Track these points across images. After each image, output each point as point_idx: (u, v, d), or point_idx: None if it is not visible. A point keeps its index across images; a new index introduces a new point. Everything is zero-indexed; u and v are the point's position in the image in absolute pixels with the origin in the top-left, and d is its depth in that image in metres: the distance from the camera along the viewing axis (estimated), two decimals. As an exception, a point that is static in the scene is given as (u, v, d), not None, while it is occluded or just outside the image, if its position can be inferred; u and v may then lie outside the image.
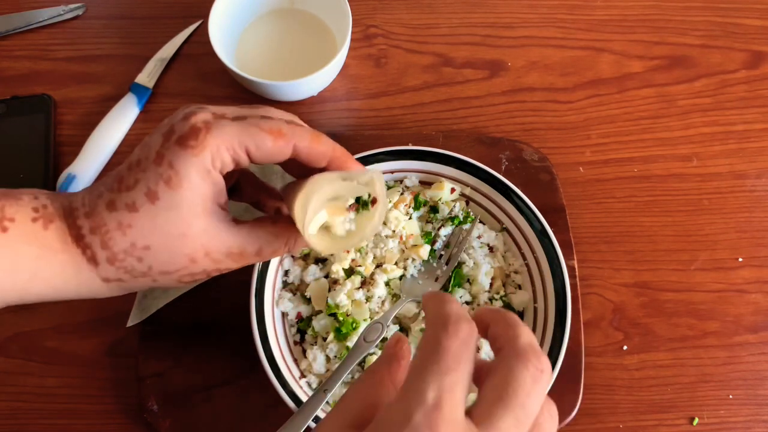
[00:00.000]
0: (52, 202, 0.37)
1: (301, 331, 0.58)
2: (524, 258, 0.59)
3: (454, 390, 0.24)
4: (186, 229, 0.36)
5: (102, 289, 0.38)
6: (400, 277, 0.57)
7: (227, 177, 0.39)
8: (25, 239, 0.35)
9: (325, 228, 0.41)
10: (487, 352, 0.55)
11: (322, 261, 0.59)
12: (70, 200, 0.38)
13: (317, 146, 0.39)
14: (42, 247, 0.36)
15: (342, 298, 0.54)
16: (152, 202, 0.35)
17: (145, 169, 0.36)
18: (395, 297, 0.56)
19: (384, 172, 0.61)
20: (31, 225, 0.36)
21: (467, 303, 0.58)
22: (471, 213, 0.61)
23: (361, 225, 0.41)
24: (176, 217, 0.36)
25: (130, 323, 0.58)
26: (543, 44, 0.73)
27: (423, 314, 0.57)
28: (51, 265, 0.36)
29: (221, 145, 0.36)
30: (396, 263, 0.57)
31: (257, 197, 0.46)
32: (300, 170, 0.42)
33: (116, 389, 0.58)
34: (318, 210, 0.39)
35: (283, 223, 0.41)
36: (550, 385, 0.49)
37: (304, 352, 0.56)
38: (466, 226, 0.60)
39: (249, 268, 0.54)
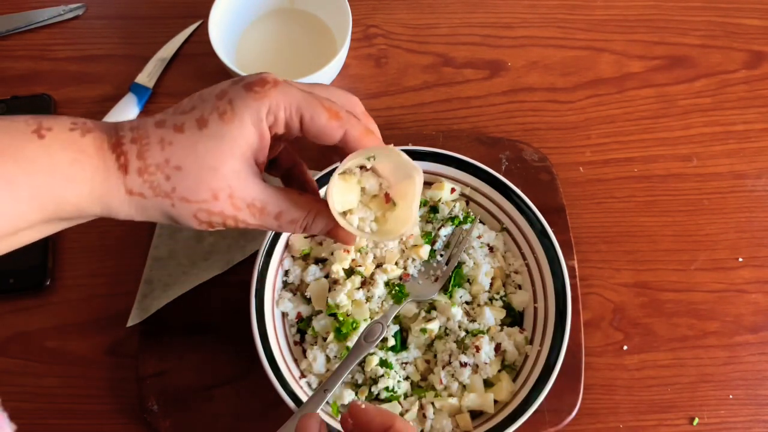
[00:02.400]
0: (93, 122, 0.38)
1: (301, 331, 0.58)
2: (524, 258, 0.59)
3: None
4: (220, 164, 0.36)
5: (122, 202, 0.37)
6: (400, 277, 0.57)
7: (273, 144, 0.40)
8: (60, 145, 0.36)
9: (347, 213, 0.41)
10: (487, 352, 0.55)
11: (322, 261, 0.59)
12: (116, 123, 0.39)
13: (366, 141, 0.39)
14: (77, 151, 0.36)
15: (342, 298, 0.54)
16: (199, 128, 0.36)
17: (204, 100, 0.37)
18: (395, 297, 0.56)
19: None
20: (68, 133, 0.36)
21: (467, 303, 0.58)
22: (471, 213, 0.61)
23: (389, 219, 0.41)
24: (215, 147, 0.36)
25: (130, 323, 0.58)
26: (543, 44, 0.73)
27: (423, 314, 0.57)
28: (83, 169, 0.36)
29: (281, 102, 0.37)
30: (396, 263, 0.57)
31: (291, 169, 0.47)
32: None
33: (116, 389, 0.58)
34: (351, 189, 0.39)
35: (309, 197, 0.41)
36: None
37: (304, 352, 0.56)
38: (466, 226, 0.60)
39: (249, 268, 0.54)
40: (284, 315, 0.58)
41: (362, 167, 0.41)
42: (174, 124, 0.37)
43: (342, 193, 0.40)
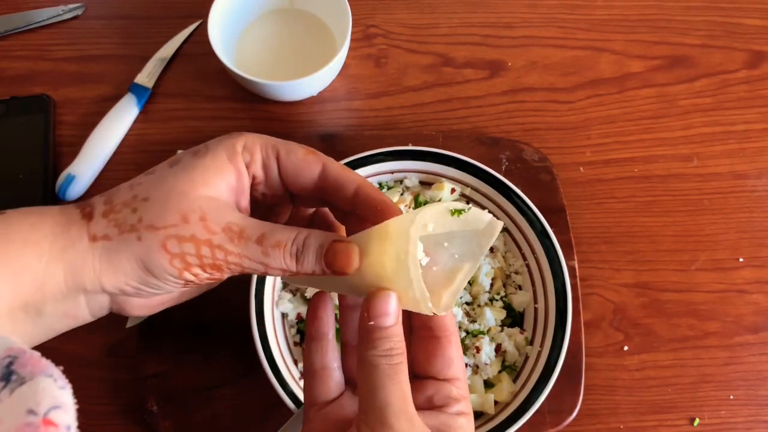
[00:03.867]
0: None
1: (301, 332, 0.57)
2: (525, 258, 0.59)
3: None
4: (190, 189, 0.34)
5: (86, 256, 0.33)
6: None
7: (263, 198, 0.38)
8: (19, 213, 0.34)
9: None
10: (487, 353, 0.55)
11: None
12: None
13: (347, 173, 0.37)
14: (39, 214, 0.34)
15: (342, 299, 0.54)
16: (170, 166, 0.35)
17: (183, 154, 0.36)
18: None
19: (384, 173, 0.61)
20: (32, 208, 0.35)
21: (467, 304, 0.58)
22: (471, 213, 0.61)
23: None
24: (186, 176, 0.34)
25: (130, 324, 0.58)
26: (543, 44, 0.73)
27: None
28: (42, 227, 0.33)
29: (256, 141, 0.36)
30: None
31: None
32: None
33: (116, 390, 0.58)
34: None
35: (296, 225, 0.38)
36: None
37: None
38: (467, 227, 0.59)
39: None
40: (284, 315, 0.58)
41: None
42: (146, 171, 0.36)
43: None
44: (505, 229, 0.60)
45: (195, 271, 0.34)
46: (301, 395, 0.52)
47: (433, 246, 0.34)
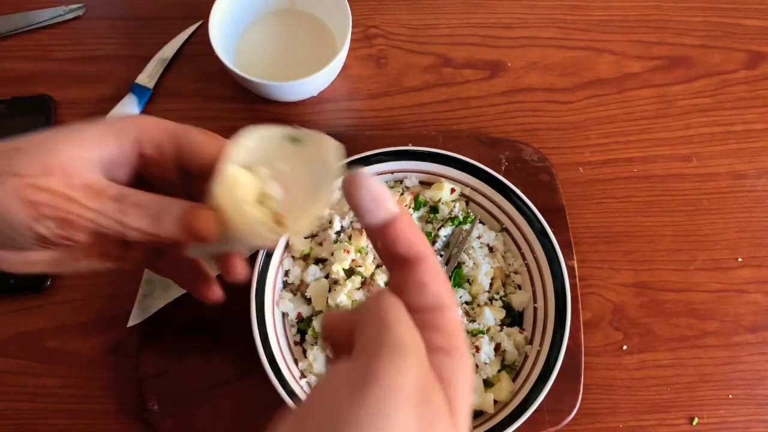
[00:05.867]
0: None
1: (302, 332, 0.58)
2: (524, 258, 0.59)
3: None
4: (62, 147, 0.34)
5: None
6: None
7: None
8: None
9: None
10: (487, 352, 0.55)
11: (322, 261, 0.59)
12: None
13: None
14: None
15: (342, 299, 0.54)
16: (63, 127, 0.35)
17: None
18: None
19: (384, 173, 0.61)
20: None
21: (467, 303, 0.58)
22: (471, 213, 0.61)
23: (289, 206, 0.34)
24: (65, 136, 0.34)
25: (130, 323, 0.58)
26: (543, 45, 0.73)
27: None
28: None
29: (151, 121, 0.36)
30: (396, 263, 0.57)
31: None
32: None
33: (117, 389, 0.59)
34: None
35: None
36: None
37: (304, 352, 0.56)
38: (466, 227, 0.60)
39: (250, 267, 0.54)
40: (284, 315, 0.58)
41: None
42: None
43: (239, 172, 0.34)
44: (504, 229, 0.60)
45: (47, 224, 0.33)
46: (302, 395, 0.52)
47: (291, 181, 0.35)
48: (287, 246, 0.58)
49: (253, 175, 0.34)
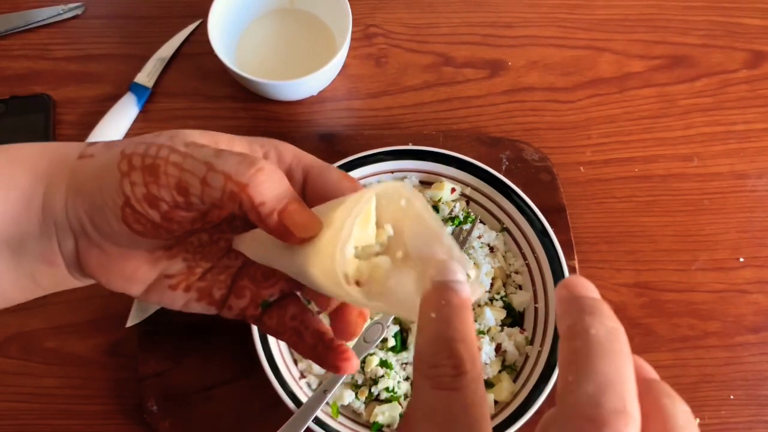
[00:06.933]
0: None
1: (301, 332, 0.57)
2: (525, 258, 0.59)
3: None
4: (196, 137, 0.33)
5: (65, 171, 0.31)
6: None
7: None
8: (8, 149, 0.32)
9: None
10: (487, 353, 0.55)
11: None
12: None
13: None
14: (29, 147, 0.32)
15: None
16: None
17: None
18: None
19: (384, 172, 0.61)
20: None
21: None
22: (471, 213, 0.61)
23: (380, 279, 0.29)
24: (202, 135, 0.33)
25: (129, 323, 0.58)
26: (543, 44, 0.73)
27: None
28: (46, 152, 0.32)
29: (289, 149, 0.34)
30: (396, 263, 0.57)
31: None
32: None
33: (116, 389, 0.58)
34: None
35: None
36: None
37: (304, 352, 0.56)
38: (467, 226, 0.59)
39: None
40: (284, 315, 0.58)
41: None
42: None
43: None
44: (505, 229, 0.60)
45: (133, 177, 0.29)
46: (301, 395, 0.52)
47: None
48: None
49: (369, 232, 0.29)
